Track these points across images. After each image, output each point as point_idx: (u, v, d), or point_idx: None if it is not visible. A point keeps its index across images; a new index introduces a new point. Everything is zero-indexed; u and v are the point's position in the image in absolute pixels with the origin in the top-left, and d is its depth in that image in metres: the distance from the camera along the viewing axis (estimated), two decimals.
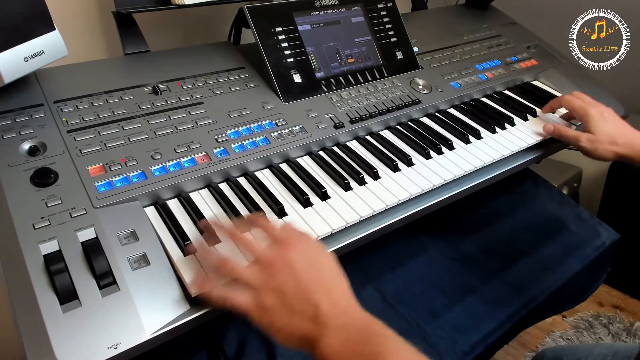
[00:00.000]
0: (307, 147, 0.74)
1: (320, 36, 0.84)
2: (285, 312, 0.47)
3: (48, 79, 0.68)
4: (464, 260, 0.86)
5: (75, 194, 0.56)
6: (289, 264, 0.48)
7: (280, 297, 0.47)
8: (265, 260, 0.49)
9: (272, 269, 0.48)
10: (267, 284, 0.48)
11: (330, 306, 0.47)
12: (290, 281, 0.47)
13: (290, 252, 0.49)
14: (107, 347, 0.45)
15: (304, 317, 0.46)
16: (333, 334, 0.45)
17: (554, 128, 0.86)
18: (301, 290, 0.47)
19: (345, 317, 0.46)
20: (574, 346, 0.88)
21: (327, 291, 0.48)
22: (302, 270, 0.48)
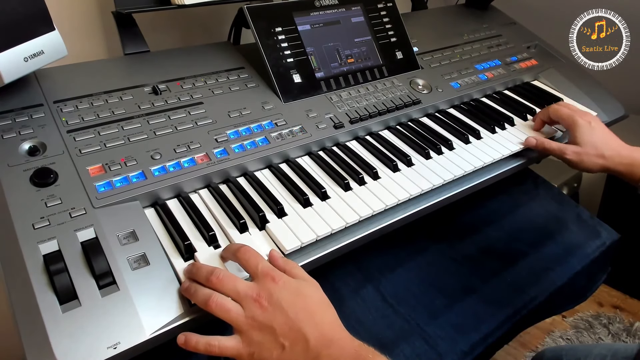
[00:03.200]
0: (306, 147, 0.74)
1: (320, 36, 0.84)
2: (274, 348, 0.46)
3: (48, 79, 0.68)
4: (464, 260, 0.86)
5: (75, 194, 0.56)
6: (275, 297, 0.47)
7: (268, 333, 0.46)
8: (248, 298, 0.48)
9: (256, 305, 0.47)
10: (254, 321, 0.47)
11: (319, 337, 0.46)
12: (277, 316, 0.47)
13: (274, 286, 0.48)
14: (106, 347, 0.45)
15: (294, 352, 0.46)
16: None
17: (536, 142, 0.83)
18: (289, 325, 0.46)
19: (335, 348, 0.46)
20: (574, 346, 0.88)
21: (316, 322, 0.47)
22: (287, 303, 0.47)
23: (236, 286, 0.48)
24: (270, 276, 0.49)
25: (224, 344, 0.47)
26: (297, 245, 0.58)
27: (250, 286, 0.49)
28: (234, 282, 0.49)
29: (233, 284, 0.49)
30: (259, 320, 0.47)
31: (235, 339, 0.47)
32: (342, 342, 0.47)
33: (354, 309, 0.74)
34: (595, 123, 0.83)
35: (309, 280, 0.51)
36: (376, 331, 0.71)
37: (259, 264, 0.50)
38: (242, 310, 0.47)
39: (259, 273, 0.49)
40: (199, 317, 0.50)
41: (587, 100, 1.01)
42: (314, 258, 0.59)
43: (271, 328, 0.46)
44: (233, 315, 0.47)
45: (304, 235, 0.59)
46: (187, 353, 0.65)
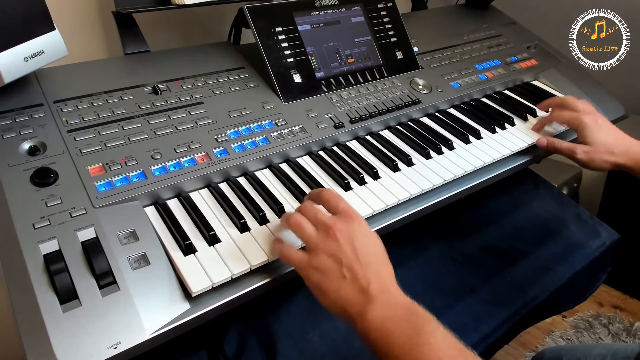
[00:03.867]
0: (307, 147, 0.74)
1: (320, 36, 0.84)
2: (336, 277, 0.49)
3: (48, 79, 0.68)
4: (464, 260, 0.86)
5: (75, 193, 0.56)
6: (348, 233, 0.51)
7: (335, 261, 0.50)
8: (327, 225, 0.51)
9: (332, 234, 0.51)
10: (325, 246, 0.50)
11: (378, 283, 0.49)
12: (346, 249, 0.50)
13: (352, 224, 0.52)
14: (107, 347, 0.45)
15: (353, 287, 0.49)
16: (378, 308, 0.47)
17: (547, 142, 0.84)
18: (355, 261, 0.49)
19: (390, 296, 0.49)
20: (574, 346, 0.88)
21: (378, 269, 0.50)
22: (359, 242, 0.51)
23: (317, 214, 0.53)
24: (349, 215, 0.53)
25: (292, 253, 0.52)
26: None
27: (330, 217, 0.53)
28: (316, 211, 0.54)
29: (315, 212, 0.54)
30: (329, 246, 0.50)
31: (304, 254, 0.52)
32: (397, 293, 0.50)
33: None
34: (602, 121, 0.83)
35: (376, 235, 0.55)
36: None
37: (340, 203, 0.55)
38: (318, 233, 0.52)
39: (340, 209, 0.54)
40: (200, 316, 0.51)
41: (587, 100, 1.01)
42: None
43: (338, 258, 0.50)
44: (307, 232, 0.52)
45: None
46: (187, 353, 0.65)
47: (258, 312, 0.70)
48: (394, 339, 0.46)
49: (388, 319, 0.47)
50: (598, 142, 0.80)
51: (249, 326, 0.69)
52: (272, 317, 0.70)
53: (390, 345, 0.46)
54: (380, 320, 0.47)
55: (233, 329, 0.68)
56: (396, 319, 0.47)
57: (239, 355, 0.66)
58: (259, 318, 0.70)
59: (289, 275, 0.56)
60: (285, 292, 0.73)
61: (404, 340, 0.45)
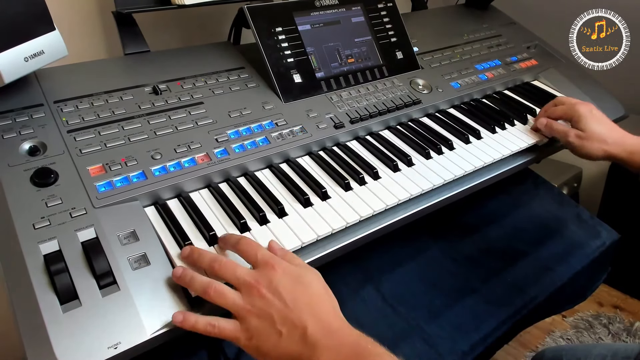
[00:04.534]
0: (307, 147, 0.74)
1: (320, 36, 0.84)
2: (271, 335, 0.46)
3: (48, 79, 0.68)
4: (464, 260, 0.86)
5: (75, 194, 0.56)
6: (272, 286, 0.47)
7: (266, 320, 0.46)
8: (247, 285, 0.48)
9: (256, 292, 0.47)
10: (252, 307, 0.47)
11: (318, 326, 0.46)
12: (275, 302, 0.47)
13: (274, 274, 0.48)
14: (107, 347, 0.45)
15: (291, 339, 0.45)
16: (324, 355, 0.44)
17: (546, 122, 0.85)
18: (287, 312, 0.46)
19: (335, 337, 0.46)
20: (574, 346, 0.88)
21: (315, 311, 0.47)
22: (286, 291, 0.47)
23: (236, 273, 0.49)
24: (270, 264, 0.49)
25: (223, 325, 0.47)
26: (297, 245, 0.58)
27: (250, 273, 0.49)
28: (234, 269, 0.49)
29: (233, 270, 0.49)
30: (257, 306, 0.47)
31: (234, 323, 0.47)
32: (341, 332, 0.47)
33: (353, 309, 0.74)
34: (596, 111, 0.84)
35: (309, 269, 0.51)
36: (376, 331, 0.71)
37: (258, 252, 0.50)
38: (241, 297, 0.48)
39: (259, 261, 0.50)
40: None
41: (587, 100, 1.01)
42: (315, 258, 0.60)
43: (269, 315, 0.46)
44: (231, 301, 0.47)
45: (305, 235, 0.59)
46: (187, 353, 0.65)
47: None
48: None
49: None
50: (592, 130, 0.81)
51: None
52: None
53: None
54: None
55: None
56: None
57: (239, 355, 0.66)
58: None
59: None
60: None
61: None
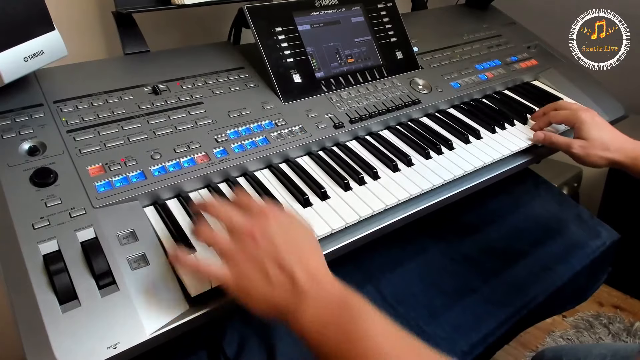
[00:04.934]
0: (306, 147, 0.74)
1: (320, 36, 0.84)
2: (261, 281, 0.46)
3: (48, 79, 0.68)
4: (464, 260, 0.86)
5: (74, 194, 0.56)
6: (266, 233, 0.48)
7: (257, 266, 0.47)
8: (241, 229, 0.48)
9: (248, 237, 0.48)
10: (243, 252, 0.47)
11: (307, 277, 0.46)
12: (267, 250, 0.47)
13: (267, 221, 0.49)
14: (106, 347, 0.45)
15: (281, 287, 0.46)
16: (310, 304, 0.45)
17: (544, 136, 0.85)
18: (278, 260, 0.47)
19: (322, 287, 0.47)
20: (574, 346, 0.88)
21: (305, 262, 0.47)
22: (279, 240, 0.48)
23: (230, 216, 0.49)
24: (264, 212, 0.50)
25: (213, 269, 0.48)
26: None
27: (243, 218, 0.49)
28: (229, 213, 0.50)
29: (227, 214, 0.50)
30: (248, 250, 0.47)
31: (224, 267, 0.48)
32: (329, 284, 0.47)
33: None
34: (599, 118, 0.83)
35: (302, 223, 0.52)
36: None
37: (252, 202, 0.52)
38: (232, 240, 0.48)
39: (253, 210, 0.51)
40: (200, 316, 0.50)
41: (587, 100, 1.01)
42: None
43: (260, 261, 0.47)
44: (222, 243, 0.48)
45: None
46: (187, 353, 0.65)
47: None
48: (329, 332, 0.44)
49: (322, 314, 0.45)
50: (594, 137, 0.80)
51: (249, 326, 0.69)
52: None
53: (325, 341, 0.44)
54: (314, 316, 0.45)
55: (233, 329, 0.68)
56: (331, 312, 0.45)
57: (239, 355, 0.66)
58: (259, 318, 0.70)
59: None
60: None
61: (340, 335, 0.43)
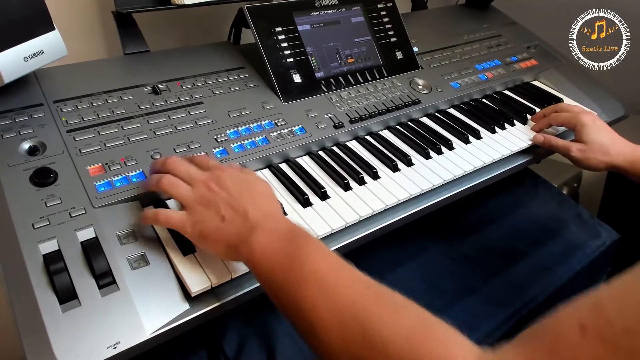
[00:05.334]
0: (306, 147, 0.74)
1: (320, 36, 0.84)
2: (215, 219, 0.50)
3: (48, 79, 0.68)
4: (464, 260, 0.86)
5: (74, 193, 0.56)
6: (221, 181, 0.52)
7: (211, 208, 0.50)
8: (197, 180, 0.53)
9: (204, 186, 0.52)
10: (200, 198, 0.51)
11: (259, 212, 0.50)
12: (222, 194, 0.51)
13: (223, 172, 0.53)
14: (106, 347, 0.45)
15: (233, 222, 0.49)
16: (261, 234, 0.48)
17: (543, 139, 0.85)
18: (232, 201, 0.50)
19: (272, 221, 0.50)
20: None
21: (256, 201, 0.51)
22: (232, 186, 0.52)
23: (189, 170, 0.54)
24: (220, 167, 0.55)
25: (170, 214, 0.52)
26: None
27: (201, 172, 0.54)
28: (187, 167, 0.54)
29: (186, 167, 0.54)
30: (205, 197, 0.51)
31: (182, 213, 0.52)
32: (280, 219, 0.51)
33: None
34: (599, 121, 0.83)
35: (258, 177, 0.56)
36: None
37: (209, 161, 0.56)
38: (191, 190, 0.52)
39: (210, 166, 0.55)
40: (200, 316, 0.50)
41: (587, 100, 1.01)
42: None
43: (215, 202, 0.51)
44: (182, 191, 0.52)
45: None
46: (187, 353, 0.65)
47: (258, 312, 0.70)
48: (275, 258, 0.46)
49: (269, 242, 0.47)
50: (594, 141, 0.80)
51: (249, 326, 0.69)
52: (272, 317, 0.70)
53: (270, 265, 0.46)
54: (262, 244, 0.47)
55: (233, 329, 0.68)
56: (277, 240, 0.47)
57: (239, 355, 0.66)
58: (259, 318, 0.70)
59: None
60: None
61: (283, 258, 0.46)
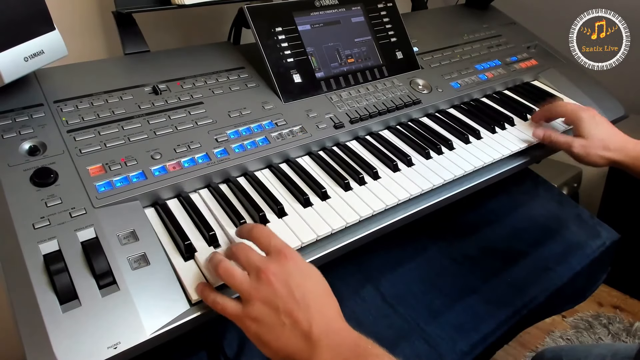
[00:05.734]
0: (307, 147, 0.74)
1: (320, 36, 0.84)
2: (275, 325, 0.46)
3: (48, 79, 0.68)
4: (464, 260, 0.86)
5: (75, 193, 0.56)
6: (283, 275, 0.47)
7: (271, 308, 0.46)
8: (258, 268, 0.48)
9: (264, 278, 0.47)
10: (259, 293, 0.47)
11: (322, 324, 0.45)
12: (282, 293, 0.46)
13: (286, 263, 0.48)
14: (107, 347, 0.45)
15: (294, 333, 0.45)
16: (325, 354, 0.44)
17: (543, 134, 0.84)
18: (293, 304, 0.46)
19: (337, 337, 0.45)
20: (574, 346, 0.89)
21: (319, 309, 0.47)
22: (295, 283, 0.47)
23: (248, 255, 0.49)
24: (283, 253, 0.49)
25: (227, 304, 0.48)
26: (297, 245, 0.58)
27: (261, 258, 0.49)
28: (247, 252, 0.50)
29: (245, 253, 0.50)
30: (264, 293, 0.47)
31: (239, 304, 0.48)
32: (342, 332, 0.46)
33: (354, 309, 0.74)
34: (599, 117, 0.83)
35: (315, 268, 0.51)
36: (376, 331, 0.71)
37: (271, 239, 0.51)
38: (249, 280, 0.48)
39: (271, 248, 0.50)
40: (200, 316, 0.51)
41: (587, 100, 1.01)
42: (314, 258, 0.59)
43: (275, 304, 0.46)
44: (238, 281, 0.48)
45: (304, 235, 0.59)
46: (187, 353, 0.65)
47: None
48: None
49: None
50: (594, 136, 0.80)
51: None
52: None
53: None
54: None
55: (233, 329, 0.68)
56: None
57: (239, 355, 0.66)
58: None
59: None
60: None
61: None
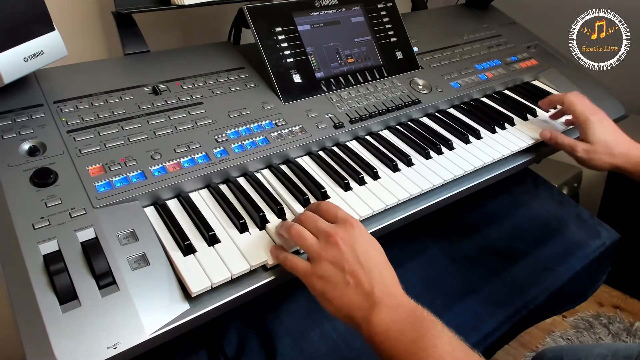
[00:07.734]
0: (306, 147, 0.74)
1: (320, 36, 0.84)
2: (339, 283, 0.50)
3: (48, 79, 0.68)
4: (464, 260, 0.86)
5: (74, 194, 0.56)
6: (350, 240, 0.52)
7: (337, 268, 0.50)
8: (327, 233, 0.52)
9: (333, 241, 0.51)
10: (327, 254, 0.51)
11: (382, 287, 0.50)
12: (349, 255, 0.51)
13: (352, 230, 0.53)
14: (106, 347, 0.45)
15: (357, 292, 0.49)
16: (383, 312, 0.48)
17: (550, 135, 0.84)
18: (358, 266, 0.50)
19: (395, 300, 0.50)
20: (574, 346, 0.88)
21: (381, 273, 0.51)
22: (360, 248, 0.51)
23: (317, 222, 0.54)
24: (349, 222, 0.54)
25: (297, 263, 0.53)
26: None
27: (330, 225, 0.54)
28: (316, 220, 0.55)
29: (314, 220, 0.55)
30: (331, 254, 0.51)
31: (307, 264, 0.53)
32: (401, 297, 0.51)
33: None
34: (607, 122, 0.82)
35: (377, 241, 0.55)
36: None
37: (338, 212, 0.56)
38: (318, 243, 0.52)
39: (339, 219, 0.55)
40: (200, 316, 0.51)
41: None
42: None
43: (341, 264, 0.50)
44: (308, 243, 0.53)
45: None
46: (187, 353, 0.65)
47: (258, 312, 0.70)
48: (399, 342, 0.46)
49: (393, 323, 0.47)
50: (599, 141, 0.80)
51: (249, 326, 0.69)
52: (272, 317, 0.70)
53: (394, 348, 0.46)
54: (385, 324, 0.47)
55: (233, 329, 0.68)
56: (401, 322, 0.47)
57: (239, 355, 0.66)
58: (259, 318, 0.70)
59: (288, 275, 0.56)
60: (285, 292, 0.73)
61: (408, 344, 0.46)
